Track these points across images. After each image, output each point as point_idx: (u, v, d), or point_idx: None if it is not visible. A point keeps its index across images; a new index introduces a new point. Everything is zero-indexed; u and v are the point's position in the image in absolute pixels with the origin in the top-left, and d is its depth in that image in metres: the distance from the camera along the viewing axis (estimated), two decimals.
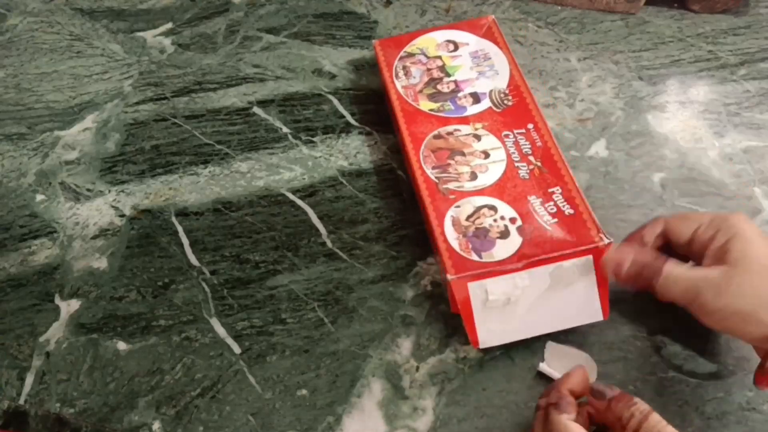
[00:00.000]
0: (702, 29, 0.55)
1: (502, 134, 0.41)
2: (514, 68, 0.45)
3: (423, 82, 0.45)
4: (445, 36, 0.48)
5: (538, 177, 0.38)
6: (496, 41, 0.47)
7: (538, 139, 0.40)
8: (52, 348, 0.41)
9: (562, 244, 0.35)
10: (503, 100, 0.42)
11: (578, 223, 0.36)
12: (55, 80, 0.57)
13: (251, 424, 0.37)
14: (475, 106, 0.43)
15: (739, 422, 0.36)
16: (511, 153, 0.40)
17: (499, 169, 0.39)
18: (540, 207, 0.36)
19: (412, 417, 0.37)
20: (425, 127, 0.42)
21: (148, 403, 0.38)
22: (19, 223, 0.48)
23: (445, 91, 0.44)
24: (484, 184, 0.38)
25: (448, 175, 0.39)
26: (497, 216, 0.37)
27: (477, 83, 0.44)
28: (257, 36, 0.58)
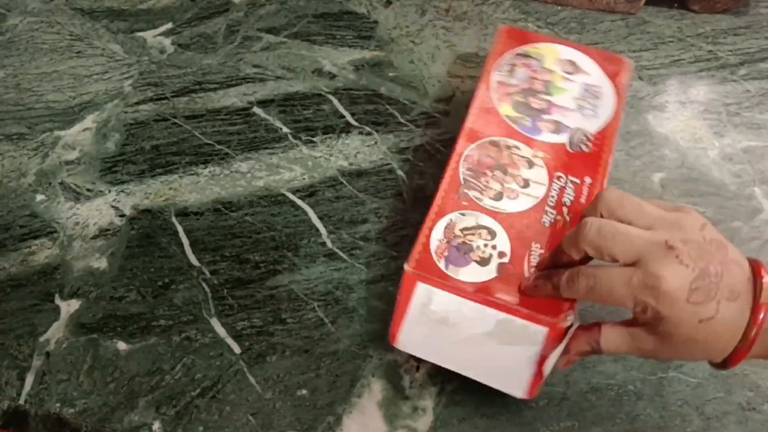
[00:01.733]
0: (702, 29, 0.55)
1: (555, 174, 0.37)
2: (615, 120, 0.40)
3: (519, 88, 0.42)
4: (570, 54, 0.43)
5: (557, 230, 0.35)
6: (618, 87, 0.42)
7: (585, 197, 0.36)
8: (52, 348, 0.41)
9: (528, 302, 0.31)
10: (582, 143, 0.39)
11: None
12: (55, 80, 0.57)
13: (251, 424, 0.37)
14: (551, 134, 0.39)
15: (739, 422, 0.36)
16: (550, 196, 0.36)
17: (527, 204, 0.36)
18: (535, 257, 0.34)
19: (413, 417, 0.37)
20: (490, 128, 0.40)
21: (148, 403, 0.38)
22: (19, 223, 0.48)
23: (534, 107, 0.41)
24: (504, 209, 0.35)
25: (477, 183, 0.36)
26: (491, 243, 0.34)
27: (569, 115, 0.40)
28: (257, 36, 0.58)
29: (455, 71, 0.54)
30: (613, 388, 0.38)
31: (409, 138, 0.50)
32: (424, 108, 0.52)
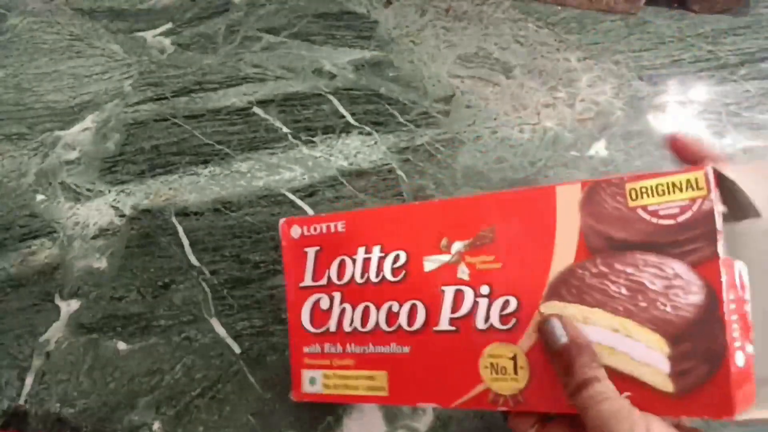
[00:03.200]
0: (702, 29, 0.55)
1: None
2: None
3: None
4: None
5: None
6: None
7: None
8: (52, 348, 0.41)
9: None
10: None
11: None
12: (55, 80, 0.56)
13: (251, 424, 0.37)
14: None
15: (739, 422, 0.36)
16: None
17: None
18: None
19: (412, 417, 0.37)
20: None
21: (148, 403, 0.38)
22: (19, 223, 0.48)
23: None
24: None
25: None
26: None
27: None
28: (257, 36, 0.58)
29: (455, 71, 0.54)
30: None
31: (409, 138, 0.50)
32: (424, 108, 0.52)
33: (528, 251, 0.27)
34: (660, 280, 0.24)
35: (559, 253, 0.26)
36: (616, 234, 0.25)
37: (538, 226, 0.27)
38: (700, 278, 0.23)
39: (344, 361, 0.32)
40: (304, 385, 0.33)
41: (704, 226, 0.23)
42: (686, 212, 0.24)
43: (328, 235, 0.33)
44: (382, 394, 0.30)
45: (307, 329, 0.33)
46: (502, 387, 0.27)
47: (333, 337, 0.32)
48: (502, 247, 0.28)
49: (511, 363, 0.27)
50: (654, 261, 0.24)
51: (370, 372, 0.31)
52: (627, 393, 0.24)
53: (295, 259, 0.34)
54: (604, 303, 0.25)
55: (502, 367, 0.27)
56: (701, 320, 0.23)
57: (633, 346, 0.24)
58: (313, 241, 0.34)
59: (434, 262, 0.30)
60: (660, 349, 0.24)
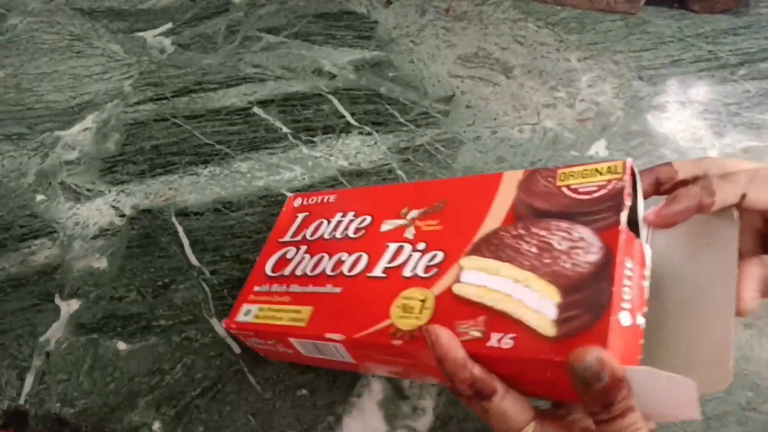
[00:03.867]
0: (702, 29, 0.55)
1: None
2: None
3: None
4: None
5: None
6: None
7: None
8: (52, 348, 0.41)
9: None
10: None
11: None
12: (55, 80, 0.57)
13: (251, 424, 0.37)
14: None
15: (739, 422, 0.36)
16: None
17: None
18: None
19: (412, 417, 0.37)
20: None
21: (148, 403, 0.38)
22: (19, 223, 0.48)
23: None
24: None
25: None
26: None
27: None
28: (257, 36, 0.58)
29: (455, 71, 0.54)
30: None
31: (409, 138, 0.50)
32: (424, 108, 0.52)
33: (466, 217, 0.31)
34: (566, 242, 0.26)
35: (490, 219, 0.30)
36: (539, 205, 0.29)
37: (481, 200, 0.31)
38: (601, 241, 0.26)
39: (282, 298, 0.34)
40: (238, 315, 0.35)
41: (613, 200, 0.26)
42: (601, 190, 0.27)
43: (320, 204, 0.38)
44: (300, 324, 0.32)
45: (266, 273, 0.37)
46: (404, 323, 0.29)
47: (283, 279, 0.35)
48: (447, 215, 0.32)
49: (419, 304, 0.29)
50: (565, 226, 0.27)
51: (299, 307, 0.33)
52: (512, 335, 0.25)
53: (286, 221, 0.39)
54: (514, 258, 0.27)
55: (411, 307, 0.29)
56: (594, 275, 0.25)
57: (529, 295, 0.26)
58: (306, 208, 0.39)
59: (390, 225, 0.34)
60: (551, 299, 0.25)
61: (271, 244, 0.39)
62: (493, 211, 0.30)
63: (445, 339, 0.25)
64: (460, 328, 0.26)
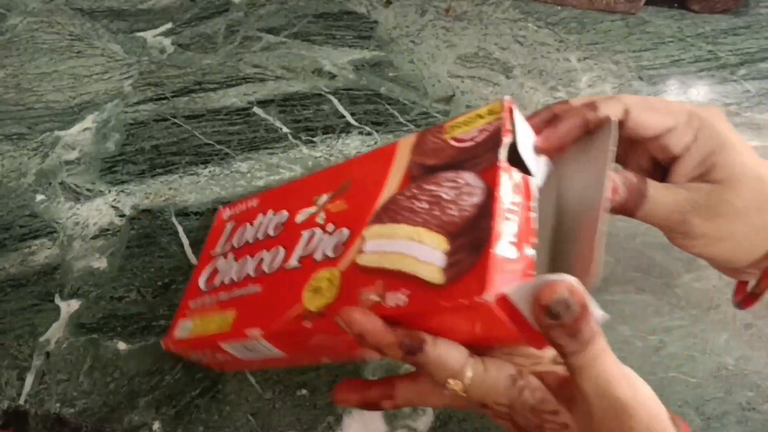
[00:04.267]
0: (702, 29, 0.55)
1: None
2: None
3: None
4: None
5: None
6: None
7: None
8: (52, 348, 0.41)
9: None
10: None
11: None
12: (55, 80, 0.56)
13: (251, 424, 0.37)
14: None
15: (739, 422, 0.36)
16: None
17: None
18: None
19: (412, 417, 0.37)
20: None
21: (148, 403, 0.38)
22: (19, 223, 0.48)
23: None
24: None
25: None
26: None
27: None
28: (257, 36, 0.58)
29: (455, 71, 0.54)
30: None
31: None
32: (424, 108, 0.52)
33: (367, 192, 0.30)
34: (453, 191, 0.26)
35: (387, 188, 0.30)
36: (430, 162, 0.28)
37: (379, 172, 0.31)
38: (483, 182, 0.25)
39: (212, 308, 0.34)
40: (176, 331, 0.36)
41: (493, 140, 0.26)
42: (483, 133, 0.27)
43: (244, 211, 0.38)
44: (225, 329, 0.32)
45: (199, 286, 0.37)
46: (312, 304, 0.28)
47: (213, 290, 0.35)
48: (352, 193, 0.32)
49: (327, 283, 0.29)
50: (452, 176, 0.27)
51: (225, 313, 0.33)
52: (405, 292, 0.25)
53: (216, 234, 0.39)
54: (408, 218, 0.27)
55: (320, 287, 0.29)
56: (477, 216, 0.25)
57: (421, 250, 0.26)
58: (233, 218, 0.39)
59: (304, 215, 0.33)
60: (440, 248, 0.25)
61: (204, 258, 0.38)
62: (390, 179, 0.30)
63: (357, 315, 0.25)
64: (362, 296, 0.27)
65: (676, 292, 0.40)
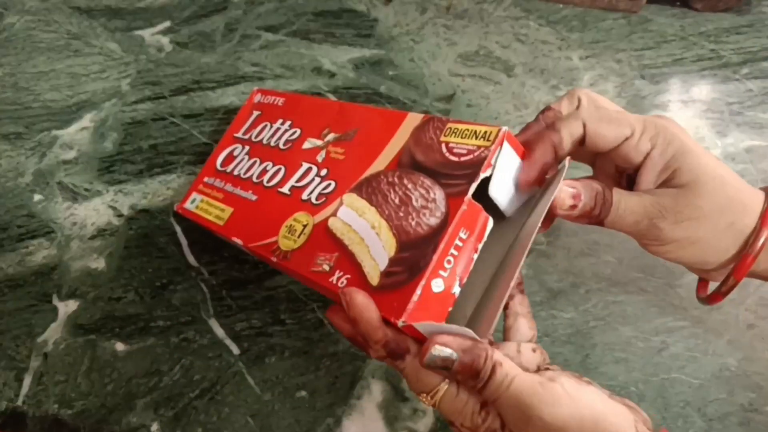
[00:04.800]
0: (704, 28, 0.54)
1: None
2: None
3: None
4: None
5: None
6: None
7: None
8: (50, 349, 0.41)
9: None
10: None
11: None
12: (53, 79, 0.56)
13: (250, 426, 0.37)
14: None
15: (741, 423, 0.35)
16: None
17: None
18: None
19: (413, 419, 0.37)
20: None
21: (146, 405, 0.38)
22: (16, 223, 0.47)
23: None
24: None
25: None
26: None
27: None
28: (256, 34, 0.58)
29: (456, 69, 0.54)
30: (614, 389, 0.37)
31: None
32: (425, 107, 0.51)
33: (364, 153, 0.32)
34: (422, 200, 0.28)
35: (379, 160, 0.31)
36: (419, 157, 0.29)
37: (381, 137, 0.32)
38: (446, 207, 0.27)
39: (217, 194, 0.39)
40: (187, 202, 0.41)
41: (472, 169, 0.27)
42: (469, 155, 0.27)
43: (271, 105, 0.41)
44: (219, 223, 0.37)
45: (216, 166, 0.41)
46: (284, 243, 0.32)
47: (225, 176, 0.40)
48: (353, 145, 0.33)
49: (301, 228, 0.32)
50: (428, 185, 0.28)
51: (224, 206, 0.38)
52: (347, 276, 0.27)
53: (244, 116, 0.42)
54: (379, 204, 0.29)
55: (295, 229, 0.32)
56: (427, 239, 0.26)
57: (376, 243, 0.28)
58: (261, 107, 0.42)
59: (310, 144, 0.36)
60: (389, 251, 0.27)
61: (226, 138, 0.42)
62: (384, 153, 0.31)
63: (359, 301, 0.25)
64: (318, 260, 0.29)
65: (678, 293, 0.40)
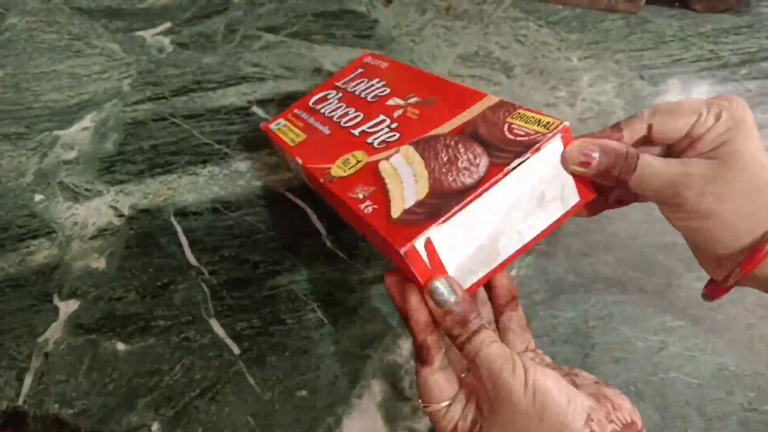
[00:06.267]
0: (703, 28, 0.55)
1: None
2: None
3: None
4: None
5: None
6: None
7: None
8: (51, 348, 0.41)
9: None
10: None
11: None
12: (54, 80, 0.56)
13: (250, 425, 0.37)
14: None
15: (740, 423, 0.35)
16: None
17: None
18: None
19: (413, 418, 0.37)
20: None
21: (147, 404, 0.38)
22: (17, 223, 0.47)
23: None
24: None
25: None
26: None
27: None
28: (256, 35, 0.58)
29: (456, 70, 0.54)
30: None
31: None
32: None
33: (434, 117, 0.35)
34: (467, 163, 0.30)
35: (445, 126, 0.33)
36: (481, 131, 0.31)
37: (455, 108, 0.34)
38: (484, 174, 0.28)
39: (299, 123, 0.43)
40: (273, 123, 0.45)
41: (523, 148, 0.28)
42: (525, 137, 0.29)
43: (375, 66, 0.45)
44: (291, 144, 0.41)
45: (309, 103, 0.45)
46: (335, 171, 0.35)
47: (313, 112, 0.44)
48: (429, 110, 0.36)
49: (355, 162, 0.35)
50: (478, 152, 0.30)
51: (300, 132, 0.42)
52: (374, 206, 0.30)
53: (350, 69, 0.47)
54: (429, 158, 0.31)
55: (349, 162, 0.35)
56: (457, 194, 0.28)
57: (411, 187, 0.30)
58: (366, 66, 0.46)
59: (393, 102, 0.39)
60: (419, 195, 0.29)
61: (328, 83, 0.46)
62: (452, 121, 0.34)
63: (413, 299, 0.27)
64: (357, 189, 0.33)
65: (677, 293, 0.40)
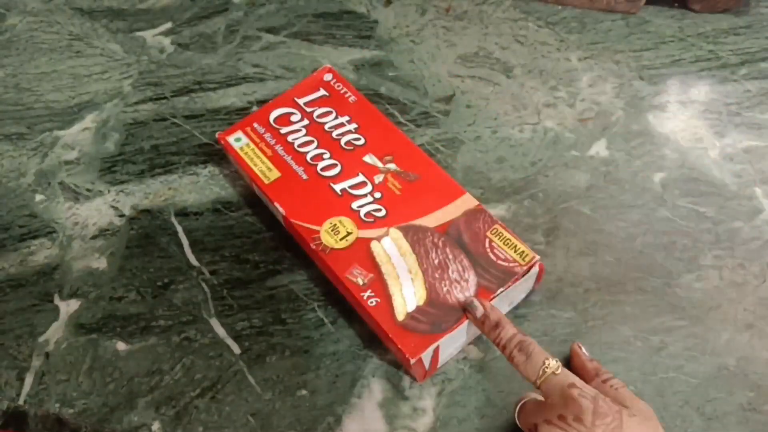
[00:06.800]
0: (703, 29, 0.55)
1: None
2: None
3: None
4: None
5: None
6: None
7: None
8: (52, 348, 0.41)
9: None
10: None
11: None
12: (55, 80, 0.56)
13: (251, 425, 0.37)
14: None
15: (739, 423, 0.35)
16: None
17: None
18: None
19: (412, 417, 0.37)
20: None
21: (147, 404, 0.38)
22: (18, 223, 0.48)
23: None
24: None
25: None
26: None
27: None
28: (257, 35, 0.58)
29: (455, 71, 0.54)
30: None
31: (410, 138, 0.50)
32: (424, 108, 0.52)
33: (417, 202, 0.40)
34: (457, 275, 0.36)
35: (430, 218, 0.39)
36: (465, 238, 0.38)
37: (438, 200, 0.40)
38: (476, 292, 0.36)
39: (266, 149, 0.44)
40: (231, 137, 0.45)
41: (505, 276, 0.36)
42: (507, 262, 0.36)
43: (341, 95, 0.46)
44: (264, 180, 0.42)
45: (269, 119, 0.45)
46: (326, 238, 0.39)
47: (277, 134, 0.44)
48: (412, 189, 0.40)
49: (344, 232, 0.39)
50: (465, 264, 0.37)
51: (272, 166, 0.43)
52: (377, 299, 0.36)
53: (308, 86, 0.47)
54: (421, 255, 0.38)
55: (338, 230, 0.39)
56: (453, 307, 0.36)
57: (409, 285, 0.36)
58: (330, 90, 0.46)
59: (371, 160, 0.42)
60: (419, 299, 0.36)
61: (286, 97, 0.46)
62: (437, 214, 0.39)
63: (497, 311, 0.35)
64: (354, 270, 0.37)
65: (676, 293, 0.40)
